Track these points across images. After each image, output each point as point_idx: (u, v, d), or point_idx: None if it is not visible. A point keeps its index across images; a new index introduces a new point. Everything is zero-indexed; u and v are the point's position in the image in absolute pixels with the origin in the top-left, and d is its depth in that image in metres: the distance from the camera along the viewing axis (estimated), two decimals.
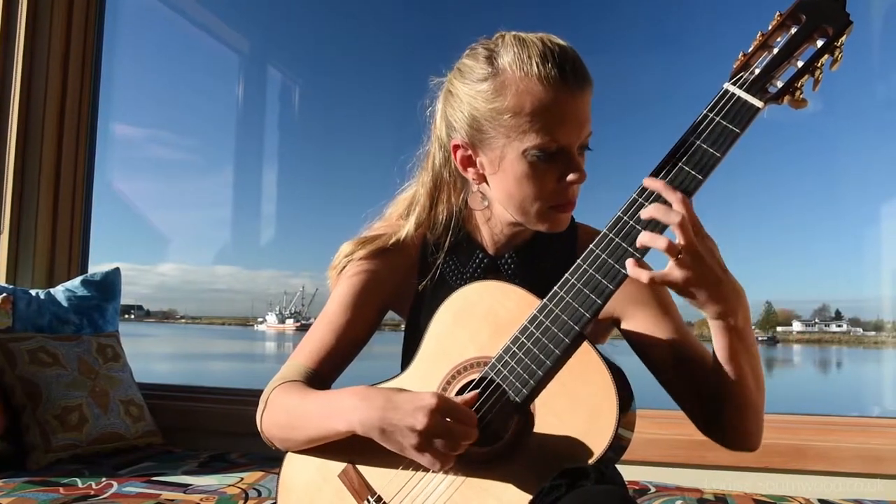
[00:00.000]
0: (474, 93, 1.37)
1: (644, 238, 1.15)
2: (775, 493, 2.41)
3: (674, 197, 1.15)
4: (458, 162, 1.45)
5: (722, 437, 1.40)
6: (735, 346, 1.24)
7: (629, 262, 1.16)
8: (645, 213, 1.17)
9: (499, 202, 1.43)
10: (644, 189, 1.20)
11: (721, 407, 1.33)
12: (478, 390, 1.27)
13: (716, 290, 1.16)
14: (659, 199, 1.18)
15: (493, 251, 1.52)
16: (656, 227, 1.16)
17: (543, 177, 1.34)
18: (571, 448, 1.18)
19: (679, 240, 1.13)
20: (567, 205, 1.38)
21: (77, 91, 3.46)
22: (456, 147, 1.44)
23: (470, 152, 1.42)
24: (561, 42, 1.34)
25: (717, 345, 1.26)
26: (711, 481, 2.50)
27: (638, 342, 1.47)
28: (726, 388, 1.29)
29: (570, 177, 1.33)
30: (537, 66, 1.29)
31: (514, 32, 1.38)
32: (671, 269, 1.14)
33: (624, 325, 1.49)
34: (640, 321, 1.46)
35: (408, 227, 1.53)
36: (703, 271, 1.14)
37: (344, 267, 1.55)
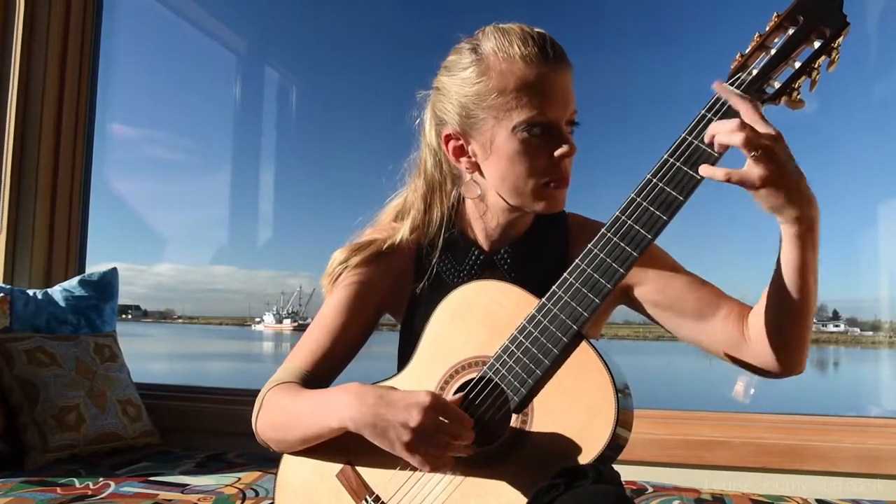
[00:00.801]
0: (460, 80, 1.40)
1: (721, 136, 1.13)
2: (773, 493, 2.41)
3: (742, 103, 1.15)
4: (451, 153, 1.46)
5: (770, 363, 1.35)
6: (808, 257, 1.21)
7: (703, 166, 1.15)
8: (710, 129, 1.15)
9: (493, 188, 1.44)
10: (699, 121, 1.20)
11: (777, 327, 1.30)
12: (463, 392, 1.28)
13: (795, 191, 1.14)
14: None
15: (488, 247, 1.52)
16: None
17: (535, 153, 1.36)
18: (569, 447, 1.19)
19: (751, 135, 1.10)
20: (561, 180, 1.39)
21: (74, 91, 3.46)
22: (448, 138, 1.46)
23: (461, 141, 1.44)
24: (539, 29, 1.39)
25: (790, 255, 1.22)
26: (709, 481, 2.50)
27: (655, 301, 1.47)
28: (789, 303, 1.26)
29: (560, 150, 1.36)
30: (518, 48, 1.34)
31: (493, 24, 1.42)
32: (749, 168, 1.11)
33: (637, 292, 1.48)
34: (652, 280, 1.46)
35: (403, 231, 1.54)
36: (782, 170, 1.11)
37: (339, 275, 1.55)
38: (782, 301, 1.27)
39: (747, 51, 1.20)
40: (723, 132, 1.13)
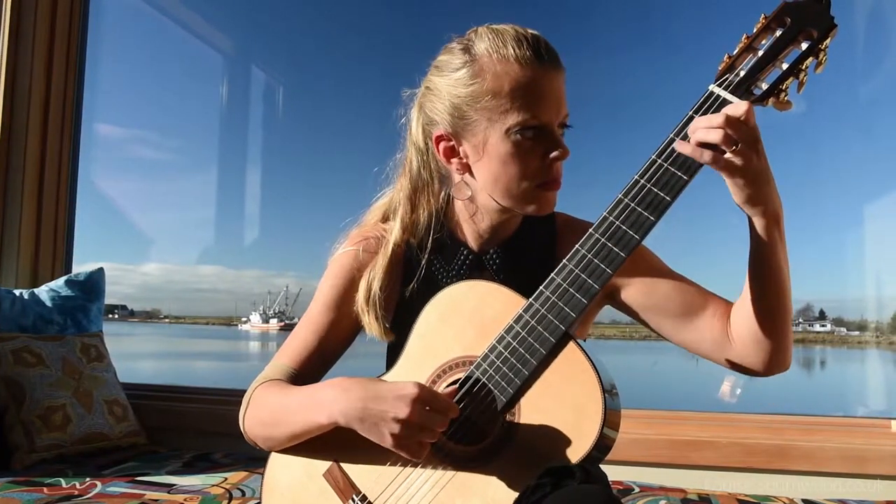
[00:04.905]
0: (453, 81, 1.39)
1: (700, 134, 1.15)
2: (759, 493, 2.42)
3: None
4: (441, 154, 1.45)
5: (755, 361, 1.37)
6: (780, 249, 1.26)
7: (678, 143, 1.18)
8: (691, 127, 1.17)
9: (484, 189, 1.43)
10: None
11: (758, 323, 1.32)
12: (456, 386, 1.28)
13: (765, 181, 1.19)
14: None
15: (477, 248, 1.51)
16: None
17: (527, 156, 1.36)
18: (557, 447, 1.19)
19: (731, 133, 1.13)
20: (553, 182, 1.39)
21: (61, 91, 3.45)
22: (439, 139, 1.44)
23: (453, 142, 1.43)
24: (532, 30, 1.38)
25: (763, 248, 1.26)
26: (695, 481, 2.50)
27: (641, 303, 1.47)
28: (767, 291, 1.30)
29: (554, 153, 1.36)
30: (513, 49, 1.34)
31: (486, 25, 1.41)
32: (732, 157, 1.14)
33: (624, 294, 1.49)
34: (639, 282, 1.46)
35: (395, 233, 1.52)
36: (760, 161, 1.16)
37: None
38: (760, 295, 1.31)
39: (735, 52, 1.21)
40: (701, 132, 1.15)
